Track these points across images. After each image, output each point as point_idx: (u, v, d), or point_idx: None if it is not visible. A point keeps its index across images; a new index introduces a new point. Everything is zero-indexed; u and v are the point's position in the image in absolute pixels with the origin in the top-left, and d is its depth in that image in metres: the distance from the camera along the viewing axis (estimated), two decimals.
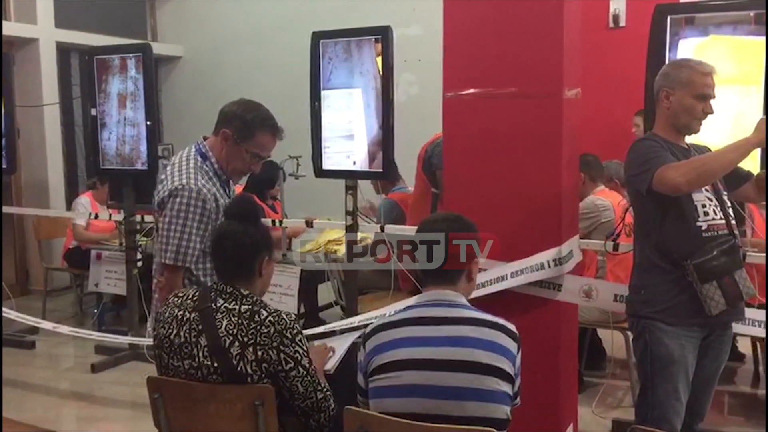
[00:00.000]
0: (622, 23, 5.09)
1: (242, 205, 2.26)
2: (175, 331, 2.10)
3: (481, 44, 2.99)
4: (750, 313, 2.90)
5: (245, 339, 2.03)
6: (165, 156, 5.45)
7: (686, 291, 2.49)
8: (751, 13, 2.98)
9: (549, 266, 2.98)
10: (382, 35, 3.52)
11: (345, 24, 3.75)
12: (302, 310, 4.96)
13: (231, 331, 2.04)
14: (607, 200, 4.05)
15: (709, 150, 2.62)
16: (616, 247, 3.37)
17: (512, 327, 2.01)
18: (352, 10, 6.23)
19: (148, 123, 4.56)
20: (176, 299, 2.17)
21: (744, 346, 4.36)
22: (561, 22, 2.88)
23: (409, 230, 3.97)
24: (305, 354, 2.07)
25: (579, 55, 3.09)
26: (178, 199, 2.45)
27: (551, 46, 2.90)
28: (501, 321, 2.01)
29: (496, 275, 3.01)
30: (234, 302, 2.09)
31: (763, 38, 2.94)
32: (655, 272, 2.56)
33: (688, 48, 3.03)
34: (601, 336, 4.48)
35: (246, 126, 2.53)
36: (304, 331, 2.13)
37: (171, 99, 8.11)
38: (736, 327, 2.75)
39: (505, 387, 1.93)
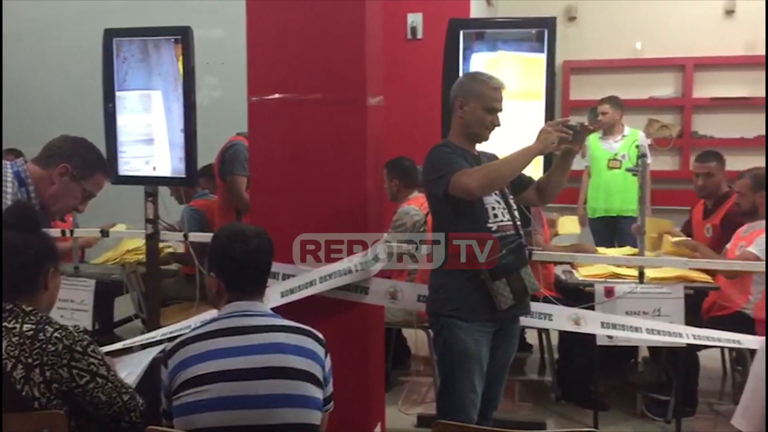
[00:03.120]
0: (420, 35, 5.31)
1: (20, 213, 2.04)
2: None
3: (285, 49, 2.98)
4: (535, 306, 3.15)
5: (29, 360, 1.85)
6: None
7: (479, 288, 2.65)
8: (533, 31, 3.24)
9: (356, 270, 3.03)
10: (182, 36, 3.39)
11: (140, 23, 3.56)
12: (97, 326, 4.62)
13: (12, 353, 1.84)
14: (420, 209, 4.17)
15: (497, 157, 2.82)
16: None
17: (319, 334, 2.03)
18: (148, 8, 5.93)
19: None
20: None
21: (531, 338, 4.74)
22: (363, 30, 2.95)
23: None
24: (101, 363, 1.93)
25: (381, 64, 3.18)
26: None
27: (354, 53, 2.95)
28: (308, 327, 2.02)
29: (304, 281, 3.00)
30: (14, 321, 1.89)
31: (544, 55, 3.22)
32: (452, 272, 2.70)
33: (480, 61, 3.24)
34: (405, 335, 4.65)
35: (87, 164, 2.43)
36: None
37: None
38: (524, 320, 2.97)
39: (317, 392, 1.93)
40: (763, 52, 6.15)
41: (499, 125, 2.75)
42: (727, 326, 3.47)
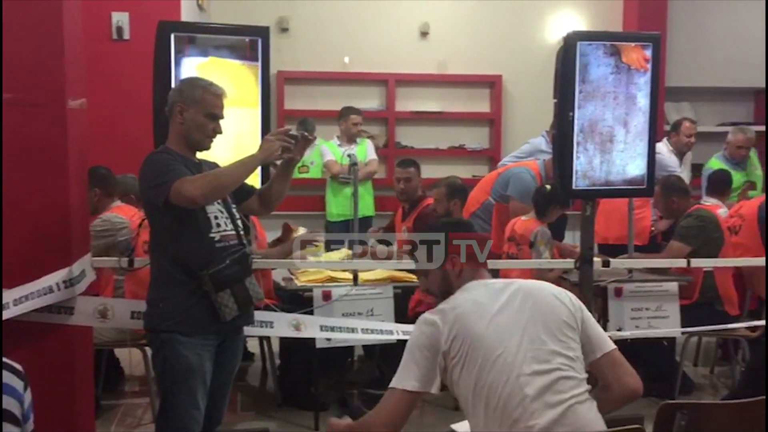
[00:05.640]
0: (127, 36, 5.03)
1: None
2: None
3: None
4: (257, 314, 3.15)
5: None
6: None
7: (202, 301, 2.58)
8: (246, 40, 3.24)
9: (59, 289, 2.77)
10: None
11: None
12: None
13: None
14: (125, 217, 3.94)
15: (218, 166, 2.76)
16: (131, 263, 3.31)
17: (17, 365, 1.80)
18: None
19: None
20: None
21: (253, 346, 4.73)
22: (61, 27, 2.72)
23: None
24: None
25: (82, 64, 2.95)
26: None
27: (51, 51, 2.72)
28: (4, 360, 1.78)
29: None
30: None
31: (258, 63, 3.24)
32: (172, 284, 2.60)
33: (191, 66, 3.15)
34: (118, 355, 4.36)
35: None
36: None
37: None
38: (246, 329, 2.95)
39: (14, 431, 1.72)
40: (454, 72, 6.87)
41: (220, 132, 2.69)
42: None
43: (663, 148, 5.48)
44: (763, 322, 4.05)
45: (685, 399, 4.03)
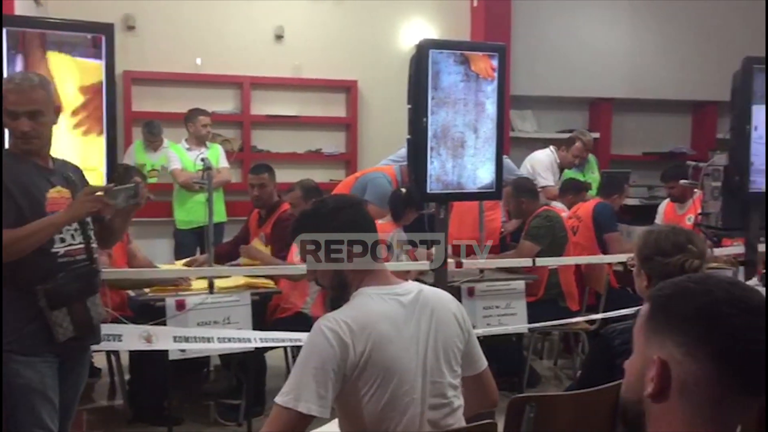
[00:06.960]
0: None
1: None
2: None
3: None
4: (104, 328, 2.96)
5: None
6: None
7: (38, 318, 2.39)
8: (89, 36, 3.05)
9: None
10: None
11: None
12: None
13: None
14: None
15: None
16: None
17: None
18: None
19: None
20: None
21: (100, 361, 4.46)
22: None
23: None
24: None
25: None
26: None
27: None
28: None
29: None
30: None
31: (102, 62, 3.06)
32: (6, 300, 2.38)
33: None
34: None
35: None
36: None
37: None
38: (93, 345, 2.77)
39: None
40: (309, 76, 6.86)
41: (26, 130, 2.37)
42: (289, 326, 3.76)
43: (551, 155, 5.89)
44: (599, 316, 4.37)
45: (532, 391, 4.26)
